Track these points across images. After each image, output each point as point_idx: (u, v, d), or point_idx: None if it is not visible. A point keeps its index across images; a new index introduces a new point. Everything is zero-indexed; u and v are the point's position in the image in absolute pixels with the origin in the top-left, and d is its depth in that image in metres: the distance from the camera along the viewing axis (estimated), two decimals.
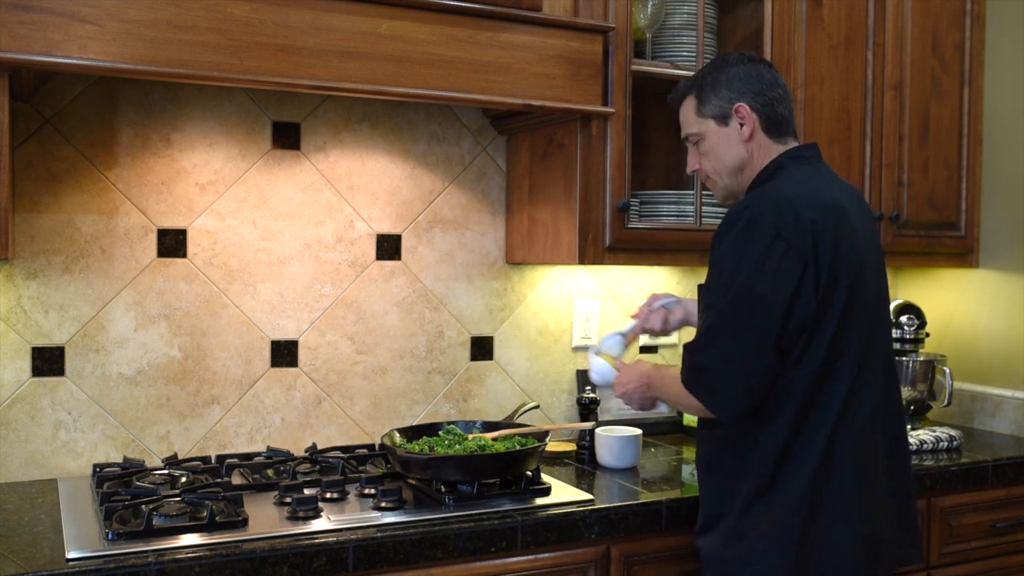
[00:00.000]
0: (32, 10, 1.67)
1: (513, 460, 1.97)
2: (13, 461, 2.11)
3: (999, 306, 2.93)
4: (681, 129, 2.00)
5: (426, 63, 2.01)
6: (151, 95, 2.21)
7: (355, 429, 2.45)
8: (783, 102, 1.90)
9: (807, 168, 1.85)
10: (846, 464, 1.73)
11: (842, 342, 1.73)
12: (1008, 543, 2.56)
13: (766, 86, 1.88)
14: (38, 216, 2.12)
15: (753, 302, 1.68)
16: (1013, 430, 2.86)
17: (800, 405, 1.72)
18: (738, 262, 1.70)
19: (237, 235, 2.30)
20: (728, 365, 1.71)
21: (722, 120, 1.89)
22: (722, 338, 1.72)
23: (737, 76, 1.89)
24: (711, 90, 1.90)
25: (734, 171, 1.91)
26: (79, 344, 2.16)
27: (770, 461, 1.73)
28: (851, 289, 1.75)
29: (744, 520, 1.75)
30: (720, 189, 1.96)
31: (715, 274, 1.75)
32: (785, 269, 1.67)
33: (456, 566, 1.81)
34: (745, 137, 1.88)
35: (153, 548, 1.61)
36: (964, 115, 2.90)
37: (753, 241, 1.69)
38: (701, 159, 1.95)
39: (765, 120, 1.88)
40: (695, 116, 1.93)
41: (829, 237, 1.71)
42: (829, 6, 2.64)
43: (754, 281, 1.68)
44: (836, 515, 1.73)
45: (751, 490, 1.75)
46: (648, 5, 2.42)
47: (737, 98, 1.87)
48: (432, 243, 2.54)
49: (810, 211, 1.71)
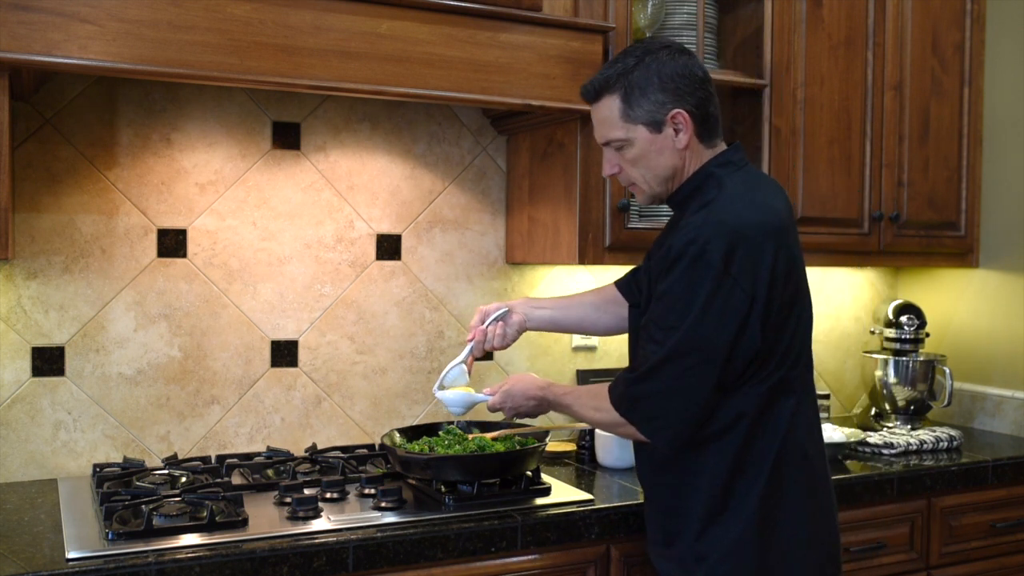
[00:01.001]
0: (32, 10, 1.67)
1: (513, 460, 1.97)
2: (13, 461, 2.11)
3: (999, 306, 2.93)
4: (596, 130, 1.80)
5: (426, 63, 2.01)
6: (151, 95, 2.21)
7: (355, 429, 2.45)
8: (713, 100, 1.75)
9: (739, 176, 1.73)
10: (794, 472, 1.71)
11: (792, 359, 1.71)
12: (1008, 543, 2.56)
13: (699, 85, 1.72)
14: (38, 216, 2.12)
15: (697, 344, 1.62)
16: (1013, 430, 2.86)
17: (750, 424, 1.68)
18: (686, 301, 1.62)
19: (237, 235, 2.30)
20: (668, 400, 1.66)
21: (654, 127, 1.71)
22: (664, 376, 1.65)
23: (671, 76, 1.69)
24: (640, 91, 1.70)
25: (665, 180, 1.76)
26: (79, 344, 2.16)
27: (721, 480, 1.69)
28: (801, 306, 1.72)
29: (701, 543, 1.71)
30: (647, 196, 1.81)
31: (661, 309, 1.66)
32: (731, 307, 1.61)
33: (456, 566, 1.81)
34: (681, 145, 1.72)
35: (153, 548, 1.61)
36: (964, 115, 2.90)
37: (701, 278, 1.61)
38: (625, 164, 1.78)
39: (699, 125, 1.73)
40: (620, 120, 1.73)
41: (780, 261, 1.65)
42: (829, 6, 2.63)
43: (699, 323, 1.61)
44: (793, 524, 1.71)
45: (704, 511, 1.71)
46: (648, 5, 2.42)
47: (672, 103, 1.70)
48: (432, 243, 2.54)
49: (758, 236, 1.63)
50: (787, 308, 1.68)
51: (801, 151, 2.60)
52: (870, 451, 2.55)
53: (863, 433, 2.63)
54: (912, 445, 2.56)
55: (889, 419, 2.85)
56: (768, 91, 2.54)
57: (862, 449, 2.56)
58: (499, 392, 1.93)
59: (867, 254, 2.76)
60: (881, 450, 2.54)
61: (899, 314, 2.88)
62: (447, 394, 1.98)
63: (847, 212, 2.69)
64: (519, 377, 1.94)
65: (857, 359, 3.12)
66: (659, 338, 1.65)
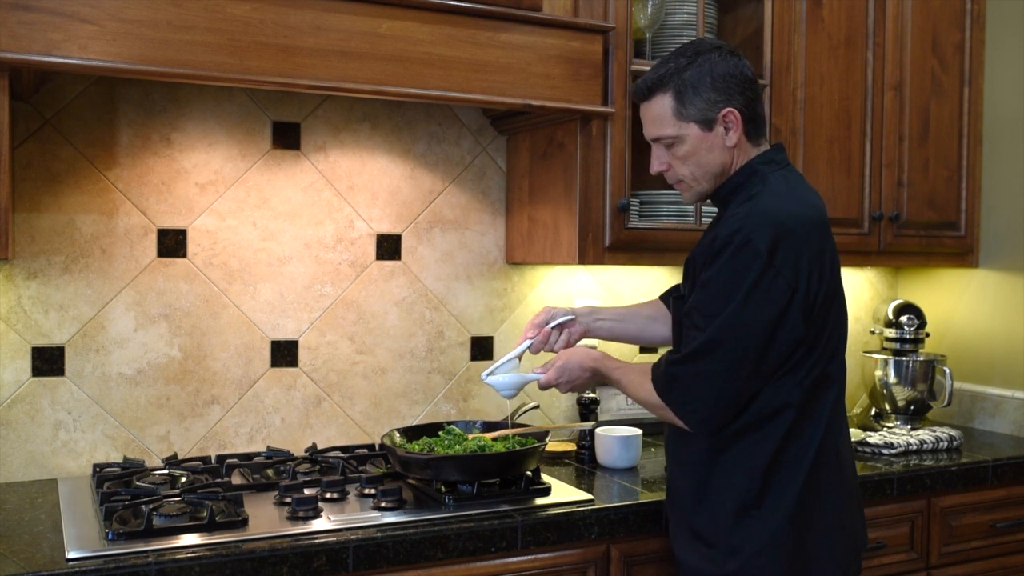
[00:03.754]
0: (32, 10, 1.67)
1: (513, 460, 1.97)
2: (13, 461, 2.11)
3: (999, 306, 2.93)
4: (647, 128, 1.82)
5: (426, 63, 2.01)
6: (151, 95, 2.21)
7: (355, 429, 2.45)
8: (760, 100, 1.81)
9: (781, 173, 1.78)
10: (831, 469, 1.74)
11: (830, 353, 1.74)
12: (1008, 543, 2.56)
13: (748, 85, 1.76)
14: (38, 216, 2.12)
15: (737, 331, 1.66)
16: (1013, 430, 2.86)
17: (795, 416, 1.70)
18: (729, 290, 1.66)
19: (237, 235, 2.31)
20: (704, 383, 1.69)
21: (706, 125, 1.75)
22: (702, 361, 1.68)
23: (723, 75, 1.74)
24: (693, 90, 1.74)
25: (714, 177, 1.80)
26: (79, 344, 2.16)
27: (759, 474, 1.71)
28: (839, 301, 1.76)
29: (735, 536, 1.72)
30: (694, 193, 1.85)
31: (705, 297, 1.70)
32: (773, 297, 1.65)
33: (456, 566, 1.81)
34: (731, 144, 1.76)
35: (153, 548, 1.61)
36: (964, 115, 2.90)
37: (745, 267, 1.65)
38: (675, 162, 1.81)
39: (748, 124, 1.77)
40: (673, 118, 1.76)
41: (821, 255, 1.70)
42: (829, 6, 2.64)
43: (740, 310, 1.65)
44: (827, 522, 1.73)
45: (738, 504, 1.72)
46: (648, 5, 2.42)
47: (724, 102, 1.74)
48: (432, 243, 2.54)
49: (801, 230, 1.68)
50: (828, 301, 1.72)
51: (801, 151, 2.60)
52: (870, 451, 2.55)
53: (863, 433, 2.63)
54: (912, 445, 2.57)
55: (889, 419, 2.85)
56: (768, 91, 2.54)
57: (862, 449, 2.56)
58: (553, 368, 1.95)
59: (867, 254, 2.76)
60: (881, 450, 2.54)
61: (899, 314, 2.88)
62: (496, 378, 2.00)
63: (847, 212, 2.69)
64: (572, 351, 1.97)
65: (857, 359, 3.12)
66: (701, 324, 1.69)
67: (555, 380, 1.95)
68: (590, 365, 1.93)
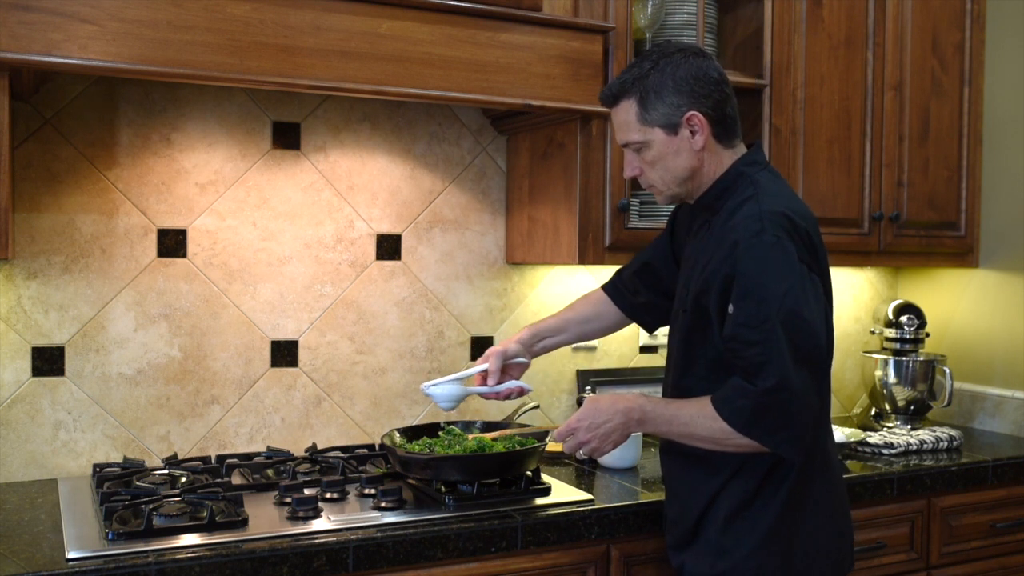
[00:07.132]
0: (32, 10, 1.67)
1: (513, 460, 1.97)
2: (13, 461, 2.11)
3: (999, 306, 2.93)
4: (616, 133, 1.81)
5: (426, 63, 2.01)
6: (151, 95, 2.21)
7: (355, 429, 2.45)
8: (730, 101, 1.76)
9: (765, 174, 1.76)
10: (820, 468, 1.74)
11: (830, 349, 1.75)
12: (1008, 543, 2.56)
13: (714, 87, 1.73)
14: (38, 216, 2.12)
15: (806, 339, 1.60)
16: (1013, 430, 2.86)
17: None
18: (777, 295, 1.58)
19: (237, 235, 2.30)
20: (802, 400, 1.60)
21: (670, 129, 1.72)
22: (791, 372, 1.57)
23: (685, 78, 1.71)
24: (655, 94, 1.72)
25: (683, 181, 1.77)
26: (79, 344, 2.16)
27: (756, 475, 1.70)
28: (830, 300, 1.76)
29: (726, 537, 1.72)
30: (666, 197, 1.83)
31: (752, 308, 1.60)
32: (817, 295, 1.65)
33: (456, 566, 1.81)
34: (698, 147, 1.73)
35: (153, 548, 1.61)
36: (964, 115, 2.90)
37: (786, 270, 1.60)
38: (644, 166, 1.79)
39: (716, 126, 1.74)
40: (637, 123, 1.74)
41: (822, 251, 1.73)
42: (829, 6, 2.63)
43: (799, 317, 1.59)
44: (818, 521, 1.74)
45: (731, 505, 1.72)
46: (648, 5, 2.42)
47: (688, 105, 1.71)
48: (432, 243, 2.54)
49: (809, 227, 1.69)
50: (829, 297, 1.73)
51: (801, 151, 2.60)
52: (870, 451, 2.55)
53: (863, 433, 2.63)
54: (912, 445, 2.56)
55: (889, 419, 2.85)
56: (768, 91, 2.54)
57: (862, 449, 2.56)
58: (574, 415, 1.78)
59: (867, 254, 2.76)
60: (881, 450, 2.54)
61: (899, 314, 2.88)
62: (436, 389, 1.97)
63: (847, 212, 2.69)
64: (597, 396, 1.84)
65: (857, 359, 3.12)
66: (757, 338, 1.60)
67: (575, 425, 1.75)
68: (623, 406, 1.72)
